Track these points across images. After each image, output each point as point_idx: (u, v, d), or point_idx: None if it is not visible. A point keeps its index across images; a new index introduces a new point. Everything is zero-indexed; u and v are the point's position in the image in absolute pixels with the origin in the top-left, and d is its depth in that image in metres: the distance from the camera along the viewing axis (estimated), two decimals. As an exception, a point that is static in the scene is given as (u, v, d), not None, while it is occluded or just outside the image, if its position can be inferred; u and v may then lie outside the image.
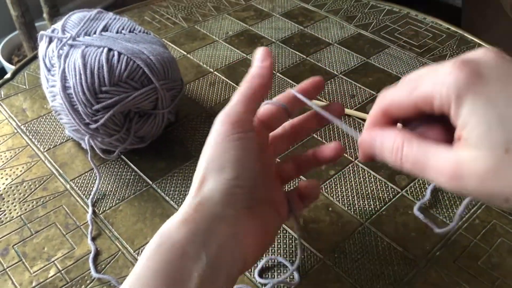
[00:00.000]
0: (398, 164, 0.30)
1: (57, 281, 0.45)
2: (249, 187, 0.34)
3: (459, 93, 0.26)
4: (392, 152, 0.30)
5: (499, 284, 0.44)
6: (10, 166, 0.56)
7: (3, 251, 0.47)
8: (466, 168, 0.26)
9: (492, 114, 0.25)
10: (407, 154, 0.29)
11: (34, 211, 0.51)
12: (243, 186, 0.33)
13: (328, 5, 0.86)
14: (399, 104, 0.30)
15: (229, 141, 0.33)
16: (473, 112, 0.25)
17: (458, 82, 0.26)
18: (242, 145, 0.33)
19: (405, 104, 0.29)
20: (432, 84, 0.27)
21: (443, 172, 0.27)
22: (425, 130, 0.30)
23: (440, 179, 0.27)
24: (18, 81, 0.69)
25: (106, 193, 0.53)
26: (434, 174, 0.27)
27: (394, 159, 0.30)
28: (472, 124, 0.25)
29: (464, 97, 0.26)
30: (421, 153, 0.28)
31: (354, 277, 0.45)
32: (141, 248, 0.47)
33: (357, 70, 0.70)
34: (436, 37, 0.77)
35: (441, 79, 0.27)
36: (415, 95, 0.29)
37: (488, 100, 0.25)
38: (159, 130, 0.57)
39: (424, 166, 0.28)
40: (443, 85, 0.26)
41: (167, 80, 0.54)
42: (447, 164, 0.27)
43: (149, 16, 0.84)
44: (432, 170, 0.27)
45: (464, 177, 0.26)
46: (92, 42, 0.53)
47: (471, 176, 0.25)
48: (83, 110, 0.50)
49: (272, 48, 0.75)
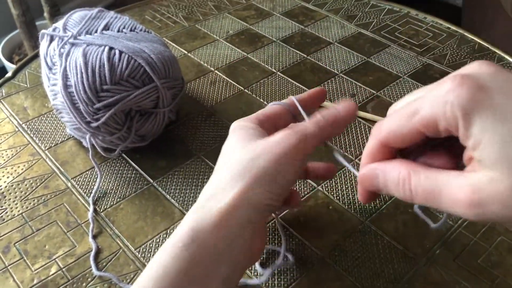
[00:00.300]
0: (408, 197, 0.27)
1: (58, 279, 0.45)
2: (280, 200, 0.36)
3: (466, 111, 0.24)
4: (399, 185, 0.27)
5: (499, 282, 0.44)
6: (11, 164, 0.56)
7: (5, 249, 0.47)
8: (485, 192, 0.23)
9: (504, 129, 0.23)
10: (415, 185, 0.26)
11: (35, 209, 0.51)
12: (278, 200, 0.35)
13: (329, 4, 0.86)
14: (399, 133, 0.28)
15: (295, 164, 0.35)
16: (484, 130, 0.23)
17: (462, 99, 0.24)
18: (299, 167, 0.35)
19: (406, 132, 0.27)
20: (432, 105, 0.25)
21: (460, 200, 0.24)
22: (427, 159, 0.28)
23: (458, 209, 0.25)
24: (19, 79, 0.69)
25: (107, 192, 0.53)
26: (450, 204, 0.25)
27: (403, 192, 0.27)
28: (485, 143, 0.23)
29: (471, 114, 0.24)
30: (431, 183, 0.26)
31: (354, 275, 0.45)
32: (142, 246, 0.47)
33: (357, 69, 0.70)
34: (437, 37, 0.77)
35: (442, 99, 0.25)
36: (415, 120, 0.26)
37: (496, 115, 0.23)
38: (160, 128, 0.57)
39: (437, 196, 0.25)
40: (445, 104, 0.24)
41: (168, 79, 0.54)
42: (462, 191, 0.24)
43: (150, 15, 0.84)
44: (447, 200, 0.25)
45: (484, 203, 0.23)
46: (94, 40, 0.53)
47: (492, 200, 0.23)
48: (84, 109, 0.50)
49: (273, 47, 0.75)
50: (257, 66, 0.71)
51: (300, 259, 0.46)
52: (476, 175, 0.24)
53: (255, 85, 0.67)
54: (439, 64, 0.71)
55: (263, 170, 0.33)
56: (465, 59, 0.72)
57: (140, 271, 0.45)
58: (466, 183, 0.24)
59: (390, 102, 0.64)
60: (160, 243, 0.48)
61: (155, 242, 0.48)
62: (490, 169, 0.23)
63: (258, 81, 0.68)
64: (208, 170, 0.54)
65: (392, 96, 0.65)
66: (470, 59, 0.72)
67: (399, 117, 0.28)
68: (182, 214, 0.50)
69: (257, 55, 0.73)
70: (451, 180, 0.25)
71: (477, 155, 0.24)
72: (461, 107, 0.24)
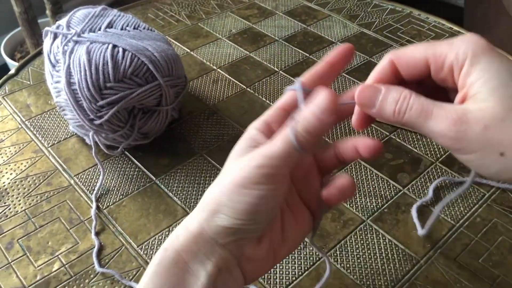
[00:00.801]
0: (402, 113, 0.30)
1: (61, 275, 0.45)
2: (259, 227, 0.32)
3: (476, 52, 0.28)
4: (397, 102, 0.30)
5: (499, 281, 0.44)
6: (14, 161, 0.56)
7: (8, 245, 0.48)
8: (472, 115, 0.27)
9: (506, 72, 0.27)
10: (413, 103, 0.29)
11: (38, 205, 0.51)
12: (253, 225, 0.31)
13: (331, 3, 0.86)
14: (410, 57, 0.31)
15: (250, 189, 0.30)
16: (487, 69, 0.27)
17: (477, 44, 0.28)
18: (264, 196, 0.30)
19: (416, 58, 0.30)
20: (449, 44, 0.29)
21: (447, 118, 0.28)
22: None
23: (441, 125, 0.28)
24: (22, 76, 0.70)
25: (110, 189, 0.53)
26: (436, 121, 0.28)
27: (398, 109, 0.30)
28: (485, 79, 0.27)
29: (481, 55, 0.28)
30: (428, 103, 0.29)
31: (355, 274, 0.45)
32: (145, 243, 0.48)
33: (359, 68, 0.70)
34: (439, 37, 0.77)
35: (460, 41, 0.29)
36: (429, 50, 0.30)
37: (502, 62, 0.28)
38: (162, 126, 0.57)
39: (428, 115, 0.28)
40: (461, 44, 0.29)
41: (171, 77, 0.54)
42: (452, 111, 0.28)
43: (153, 13, 0.85)
44: (436, 118, 0.28)
45: (468, 122, 0.27)
46: (97, 38, 0.53)
47: (476, 122, 0.27)
48: (88, 106, 0.50)
49: (275, 46, 0.75)
50: (260, 65, 0.71)
51: (302, 257, 0.46)
52: (469, 104, 0.28)
53: (258, 84, 0.68)
54: (441, 64, 0.71)
55: (218, 199, 0.31)
56: (467, 59, 0.72)
57: (142, 268, 0.46)
58: (459, 107, 0.28)
59: (392, 102, 0.64)
60: (162, 240, 0.48)
61: (157, 239, 0.48)
62: (482, 102, 0.27)
63: (260, 80, 0.68)
64: (211, 168, 0.55)
65: (394, 95, 0.65)
66: (472, 59, 0.72)
67: (416, 45, 0.31)
68: (185, 211, 0.50)
69: (260, 54, 0.74)
70: (445, 104, 0.29)
71: (473, 91, 0.28)
72: (473, 49, 0.28)
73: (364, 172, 0.55)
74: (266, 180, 0.30)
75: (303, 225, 0.35)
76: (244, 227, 0.31)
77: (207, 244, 0.32)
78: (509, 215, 0.50)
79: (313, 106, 0.29)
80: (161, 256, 0.32)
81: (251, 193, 0.30)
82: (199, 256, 0.31)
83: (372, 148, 0.32)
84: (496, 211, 0.50)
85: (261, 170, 0.30)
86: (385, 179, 0.54)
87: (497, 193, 0.52)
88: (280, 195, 0.32)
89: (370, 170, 0.55)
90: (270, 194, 0.30)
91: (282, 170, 0.30)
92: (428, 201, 0.51)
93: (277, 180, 0.30)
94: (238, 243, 0.32)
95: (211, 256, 0.32)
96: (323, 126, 0.29)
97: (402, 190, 0.53)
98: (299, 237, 0.35)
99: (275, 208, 0.32)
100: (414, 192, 0.52)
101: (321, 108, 0.29)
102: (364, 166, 0.55)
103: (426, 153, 0.57)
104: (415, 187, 0.53)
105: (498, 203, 0.51)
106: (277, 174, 0.30)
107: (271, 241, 0.34)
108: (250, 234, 0.32)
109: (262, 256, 0.33)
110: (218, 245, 0.32)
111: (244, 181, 0.30)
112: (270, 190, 0.30)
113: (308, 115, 0.29)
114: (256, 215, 0.31)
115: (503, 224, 0.49)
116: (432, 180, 0.53)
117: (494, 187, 0.53)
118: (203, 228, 0.32)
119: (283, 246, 0.34)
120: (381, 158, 0.56)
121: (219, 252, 0.32)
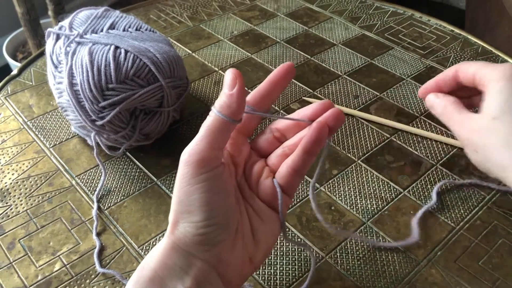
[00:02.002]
0: (440, 109, 0.39)
1: (62, 275, 0.45)
2: (221, 223, 0.32)
3: (497, 80, 0.36)
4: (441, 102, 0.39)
5: (499, 284, 0.44)
6: (16, 162, 0.57)
7: (10, 245, 0.48)
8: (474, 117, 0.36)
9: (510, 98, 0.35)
10: (446, 105, 0.39)
11: (40, 206, 0.52)
12: (214, 225, 0.32)
13: (333, 6, 0.87)
14: (465, 70, 0.38)
15: (193, 184, 0.31)
16: (500, 92, 0.35)
17: (502, 73, 0.36)
18: (208, 186, 0.31)
19: (469, 73, 0.38)
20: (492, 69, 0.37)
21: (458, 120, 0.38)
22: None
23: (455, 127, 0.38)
24: (24, 77, 0.70)
25: (111, 189, 0.53)
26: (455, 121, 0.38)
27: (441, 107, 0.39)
28: (495, 98, 0.35)
29: (501, 81, 0.35)
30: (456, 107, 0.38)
31: (355, 275, 0.45)
32: (145, 244, 0.48)
33: (361, 71, 0.71)
34: (440, 39, 0.77)
35: (495, 69, 0.37)
36: (473, 68, 0.38)
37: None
38: (164, 127, 0.57)
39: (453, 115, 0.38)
40: (494, 71, 0.36)
41: (173, 78, 0.54)
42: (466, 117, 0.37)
43: (155, 14, 0.85)
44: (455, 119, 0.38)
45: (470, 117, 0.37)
46: (99, 39, 0.53)
47: (477, 118, 0.36)
48: (90, 107, 0.51)
49: (277, 48, 0.76)
50: (261, 67, 0.71)
51: (302, 259, 0.46)
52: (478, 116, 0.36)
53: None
54: (442, 67, 0.71)
55: (178, 201, 0.32)
56: (468, 62, 0.72)
57: (143, 269, 0.46)
58: (473, 116, 0.36)
59: (393, 104, 0.64)
60: (163, 241, 0.48)
61: (158, 240, 0.48)
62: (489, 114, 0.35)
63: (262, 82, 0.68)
64: (212, 169, 0.55)
65: (395, 98, 0.66)
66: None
67: (473, 62, 0.39)
68: (185, 212, 0.51)
69: (261, 56, 0.74)
70: (465, 113, 0.37)
71: (485, 105, 0.36)
72: (497, 77, 0.36)
73: (364, 174, 0.55)
74: (199, 170, 0.31)
75: (271, 225, 0.36)
76: (207, 230, 0.32)
77: (182, 257, 0.32)
78: (509, 218, 0.50)
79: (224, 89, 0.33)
80: (138, 275, 0.32)
81: (194, 188, 0.31)
82: (175, 270, 0.32)
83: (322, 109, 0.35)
84: (496, 213, 0.50)
85: (189, 161, 0.31)
86: (385, 181, 0.54)
87: (497, 196, 0.52)
88: (223, 182, 0.33)
89: (371, 172, 0.55)
90: (212, 183, 0.32)
91: (208, 152, 0.32)
92: (433, 206, 0.51)
93: (209, 165, 0.32)
94: (211, 251, 0.33)
95: (188, 270, 0.32)
96: (232, 99, 0.32)
97: (403, 193, 0.53)
98: (270, 238, 0.37)
99: (227, 201, 0.33)
100: (415, 194, 0.52)
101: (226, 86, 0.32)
102: (364, 168, 0.55)
103: (426, 156, 0.57)
104: (415, 190, 0.53)
105: (498, 205, 0.51)
106: (205, 158, 0.31)
107: (244, 245, 0.35)
108: (218, 237, 0.32)
109: (238, 262, 0.34)
110: (194, 257, 0.32)
111: (183, 181, 0.31)
112: (209, 178, 0.31)
113: (220, 96, 0.33)
114: (212, 212, 0.32)
115: (503, 226, 0.49)
116: (433, 182, 0.54)
117: (494, 189, 0.53)
118: (173, 241, 0.32)
119: (257, 249, 0.36)
120: (382, 161, 0.56)
121: (196, 265, 0.32)
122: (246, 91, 0.31)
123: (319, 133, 0.34)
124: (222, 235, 0.33)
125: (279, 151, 0.37)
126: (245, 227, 0.35)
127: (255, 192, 0.37)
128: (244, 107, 0.33)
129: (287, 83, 0.37)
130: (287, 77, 0.36)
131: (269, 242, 0.37)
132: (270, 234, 0.37)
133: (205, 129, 0.32)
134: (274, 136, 0.38)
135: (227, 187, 0.33)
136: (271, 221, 0.37)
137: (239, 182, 0.37)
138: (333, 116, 0.35)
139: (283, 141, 0.38)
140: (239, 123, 0.33)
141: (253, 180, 0.37)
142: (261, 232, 0.36)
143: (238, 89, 0.32)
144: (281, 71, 0.36)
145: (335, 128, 0.35)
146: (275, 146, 0.38)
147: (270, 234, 0.37)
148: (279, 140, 0.38)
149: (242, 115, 0.33)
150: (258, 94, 0.36)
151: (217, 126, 0.32)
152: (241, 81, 0.32)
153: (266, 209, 0.37)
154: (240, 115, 0.33)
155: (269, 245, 0.37)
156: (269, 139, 0.38)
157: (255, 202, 0.37)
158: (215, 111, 0.32)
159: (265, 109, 0.37)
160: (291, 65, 0.36)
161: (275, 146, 0.38)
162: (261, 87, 0.36)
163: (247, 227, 0.35)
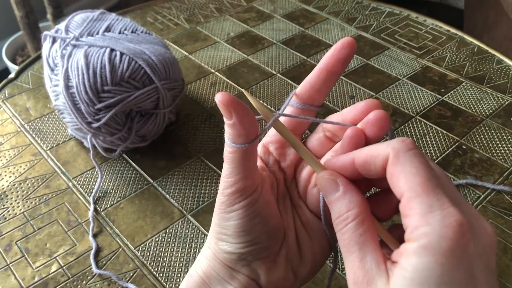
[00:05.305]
0: (335, 227, 0.28)
1: (59, 277, 0.45)
2: (260, 244, 0.32)
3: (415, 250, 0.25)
4: (338, 217, 0.28)
5: (494, 282, 0.44)
6: (13, 164, 0.57)
7: (6, 247, 0.48)
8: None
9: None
10: (346, 231, 0.28)
11: (36, 208, 0.52)
12: (252, 245, 0.32)
13: (329, 7, 0.87)
14: (366, 156, 0.28)
15: (229, 212, 0.31)
16: (411, 279, 0.24)
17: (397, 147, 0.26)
18: (243, 213, 0.31)
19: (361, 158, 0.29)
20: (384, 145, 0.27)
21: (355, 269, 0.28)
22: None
23: (348, 273, 0.27)
24: (22, 80, 0.70)
25: (107, 191, 0.54)
26: (347, 267, 0.28)
27: (336, 223, 0.28)
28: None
29: (415, 257, 0.24)
30: (354, 245, 0.28)
31: (351, 275, 0.45)
32: (141, 245, 0.48)
33: (357, 71, 0.71)
34: (436, 39, 0.78)
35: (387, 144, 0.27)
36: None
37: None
38: (160, 129, 0.57)
39: (348, 254, 0.28)
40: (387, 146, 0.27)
41: (168, 80, 0.55)
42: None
43: (152, 17, 0.85)
44: (347, 265, 0.28)
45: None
46: (95, 42, 0.53)
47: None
48: (86, 109, 0.51)
49: (273, 49, 0.76)
50: (257, 68, 0.72)
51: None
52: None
53: (255, 87, 0.68)
54: (438, 67, 0.71)
55: (218, 224, 0.32)
56: (464, 62, 0.73)
57: (139, 270, 0.46)
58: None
59: (389, 104, 0.65)
60: (159, 242, 0.48)
61: (154, 241, 0.48)
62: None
63: (258, 83, 0.69)
64: (207, 170, 0.55)
65: (391, 98, 0.66)
66: (469, 61, 0.73)
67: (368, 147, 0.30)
68: (181, 213, 0.51)
69: (258, 57, 0.74)
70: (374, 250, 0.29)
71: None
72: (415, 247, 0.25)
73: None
74: (234, 200, 0.31)
75: (318, 241, 0.33)
76: (246, 250, 0.32)
77: (224, 269, 0.33)
78: (504, 216, 0.50)
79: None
80: (187, 281, 0.34)
81: (229, 216, 0.31)
82: (219, 280, 0.33)
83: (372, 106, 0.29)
84: (491, 212, 0.50)
85: (224, 193, 0.31)
86: (381, 181, 0.54)
87: (492, 195, 0.52)
88: (260, 206, 0.31)
89: (366, 172, 0.55)
90: (248, 209, 0.31)
91: (240, 183, 0.30)
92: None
93: (244, 194, 0.31)
94: (251, 266, 0.33)
95: (231, 281, 0.33)
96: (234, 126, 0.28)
97: (398, 192, 0.53)
98: (319, 255, 0.34)
99: (265, 223, 0.31)
100: (410, 193, 0.52)
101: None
102: (360, 168, 0.56)
103: (422, 155, 0.57)
104: (411, 189, 0.53)
105: (493, 204, 0.51)
106: (239, 189, 0.30)
107: (288, 261, 0.33)
108: (257, 255, 0.32)
109: (281, 276, 0.33)
110: (234, 270, 0.33)
111: (220, 208, 0.32)
112: (245, 205, 0.31)
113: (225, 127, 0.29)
114: (249, 236, 0.31)
115: (498, 225, 0.49)
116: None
117: (489, 188, 0.53)
118: (213, 253, 0.33)
119: (302, 265, 0.33)
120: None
121: (237, 277, 0.33)
122: (247, 108, 0.28)
123: (352, 144, 0.29)
124: (262, 254, 0.32)
125: (328, 156, 0.33)
126: (290, 241, 0.33)
127: (303, 200, 0.34)
128: (256, 124, 0.29)
129: (345, 66, 0.30)
130: (347, 59, 0.30)
131: (317, 259, 0.34)
132: (318, 250, 0.34)
133: (229, 162, 0.30)
134: (326, 136, 0.33)
135: (265, 210, 0.32)
136: (319, 236, 0.33)
137: (289, 187, 0.34)
138: (372, 122, 0.29)
139: (335, 141, 0.33)
140: (258, 141, 0.31)
141: (301, 188, 0.34)
142: (307, 247, 0.33)
143: (236, 115, 0.28)
144: (340, 51, 0.29)
145: (377, 136, 0.29)
146: (327, 147, 0.33)
147: (319, 250, 0.34)
148: (331, 140, 0.33)
149: (259, 134, 0.30)
150: (308, 86, 0.31)
151: (239, 157, 0.30)
152: (235, 105, 0.28)
153: (315, 221, 0.33)
154: (253, 136, 0.29)
155: (316, 261, 0.34)
156: (321, 139, 0.33)
157: (303, 213, 0.34)
158: (229, 143, 0.30)
159: (318, 103, 0.32)
160: (352, 42, 0.30)
161: (327, 147, 0.33)
162: (312, 77, 0.31)
163: (292, 240, 0.33)
